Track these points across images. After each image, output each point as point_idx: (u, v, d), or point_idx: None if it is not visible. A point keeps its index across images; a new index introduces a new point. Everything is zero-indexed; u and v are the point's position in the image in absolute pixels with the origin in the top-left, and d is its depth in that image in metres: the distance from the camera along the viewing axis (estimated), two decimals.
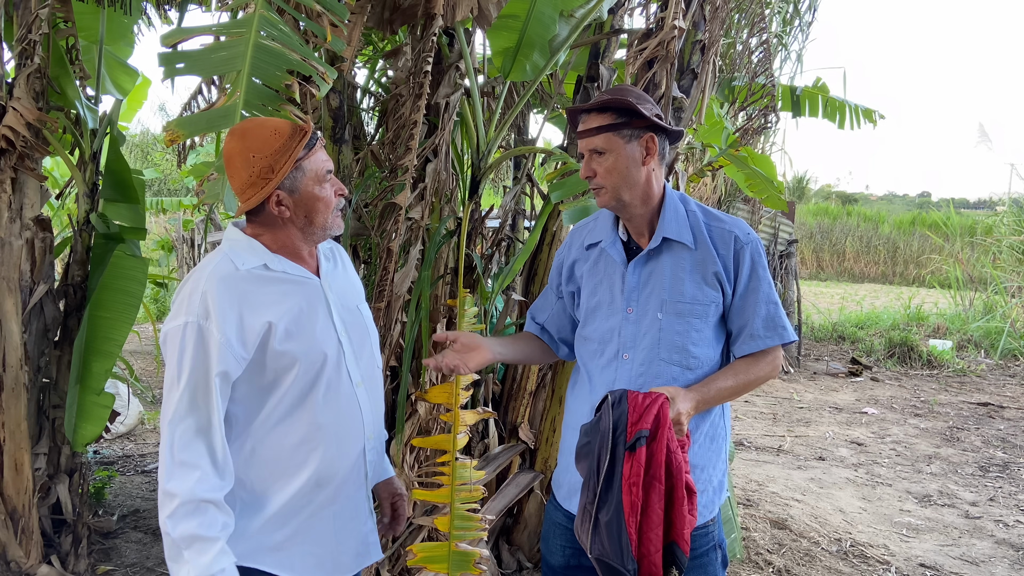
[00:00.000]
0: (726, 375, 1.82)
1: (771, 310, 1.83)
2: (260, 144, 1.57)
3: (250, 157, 1.57)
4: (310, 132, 1.61)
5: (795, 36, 7.83)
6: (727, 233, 1.85)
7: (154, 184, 18.55)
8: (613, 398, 1.68)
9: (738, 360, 1.86)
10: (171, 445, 1.50)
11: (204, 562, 1.47)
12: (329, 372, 1.64)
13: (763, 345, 1.83)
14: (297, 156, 1.58)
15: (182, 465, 1.49)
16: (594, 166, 1.83)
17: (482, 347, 1.91)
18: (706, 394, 1.76)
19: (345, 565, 1.74)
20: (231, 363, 1.53)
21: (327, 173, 1.64)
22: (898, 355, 9.34)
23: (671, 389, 1.70)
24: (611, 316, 1.88)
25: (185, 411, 1.51)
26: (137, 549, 3.71)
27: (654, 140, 1.82)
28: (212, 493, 1.51)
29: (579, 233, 2.05)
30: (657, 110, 1.85)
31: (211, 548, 1.49)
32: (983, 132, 13.81)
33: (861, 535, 4.36)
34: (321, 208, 1.64)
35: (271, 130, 1.59)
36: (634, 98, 1.81)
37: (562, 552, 1.96)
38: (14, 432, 3.05)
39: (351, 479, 1.72)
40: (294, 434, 1.62)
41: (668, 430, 1.63)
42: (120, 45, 3.94)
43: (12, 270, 3.06)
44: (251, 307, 1.56)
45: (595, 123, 1.82)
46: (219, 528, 1.51)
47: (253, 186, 1.58)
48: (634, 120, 1.80)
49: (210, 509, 1.50)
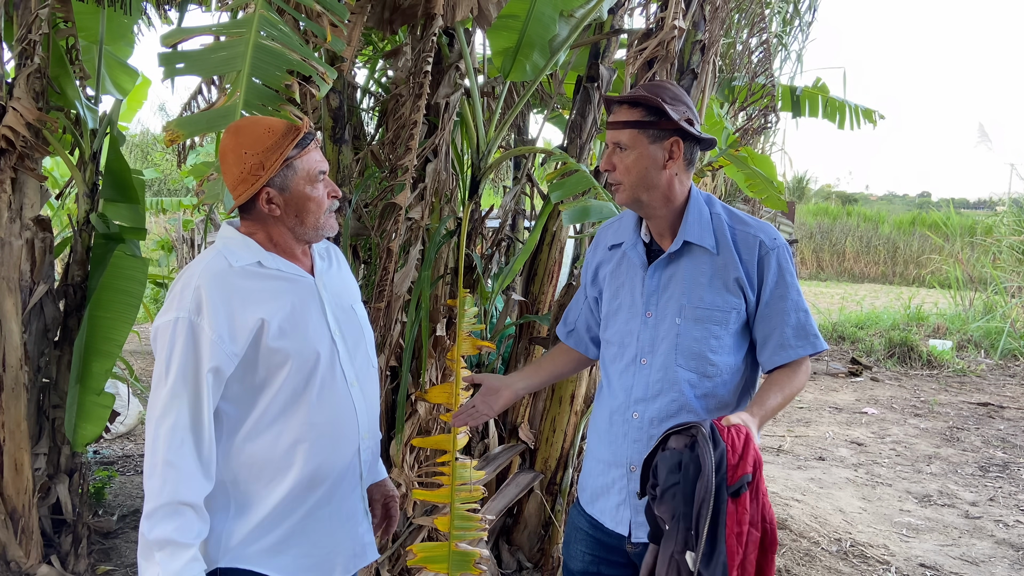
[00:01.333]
0: (773, 392, 1.73)
1: (801, 318, 1.77)
2: (252, 141, 1.58)
3: (242, 153, 1.58)
4: (303, 131, 1.62)
5: (795, 36, 7.82)
6: (752, 238, 1.79)
7: (154, 184, 18.55)
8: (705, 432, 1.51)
9: (777, 373, 1.78)
10: (155, 441, 1.49)
11: (175, 567, 1.47)
12: (323, 371, 1.64)
13: (795, 355, 1.76)
14: (288, 155, 1.59)
15: (166, 464, 1.48)
16: (615, 160, 1.78)
17: (503, 389, 1.97)
18: (764, 417, 1.67)
19: (341, 567, 1.73)
20: (223, 359, 1.53)
21: (320, 174, 1.64)
22: (898, 355, 9.34)
23: (745, 417, 1.58)
24: (631, 320, 1.85)
25: (172, 407, 1.50)
26: (137, 549, 3.71)
27: (679, 145, 1.76)
28: (193, 496, 1.50)
29: (604, 233, 2.01)
30: (692, 114, 1.79)
31: (183, 554, 1.48)
32: (983, 132, 13.80)
33: (861, 535, 4.36)
34: (312, 208, 1.63)
35: (265, 128, 1.60)
36: (668, 98, 1.75)
37: (582, 558, 1.94)
38: (14, 432, 3.05)
39: (346, 479, 1.71)
40: (288, 433, 1.61)
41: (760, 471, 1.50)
42: (120, 45, 3.94)
43: (12, 270, 3.06)
44: (243, 303, 1.56)
45: (624, 117, 1.77)
46: (194, 535, 1.50)
47: (244, 182, 1.59)
48: (662, 121, 1.74)
49: (188, 513, 1.49)
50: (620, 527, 1.85)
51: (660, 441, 1.59)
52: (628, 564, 1.86)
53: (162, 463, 1.48)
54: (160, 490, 1.48)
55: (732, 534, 1.46)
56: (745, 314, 1.79)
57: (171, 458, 1.49)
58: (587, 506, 1.95)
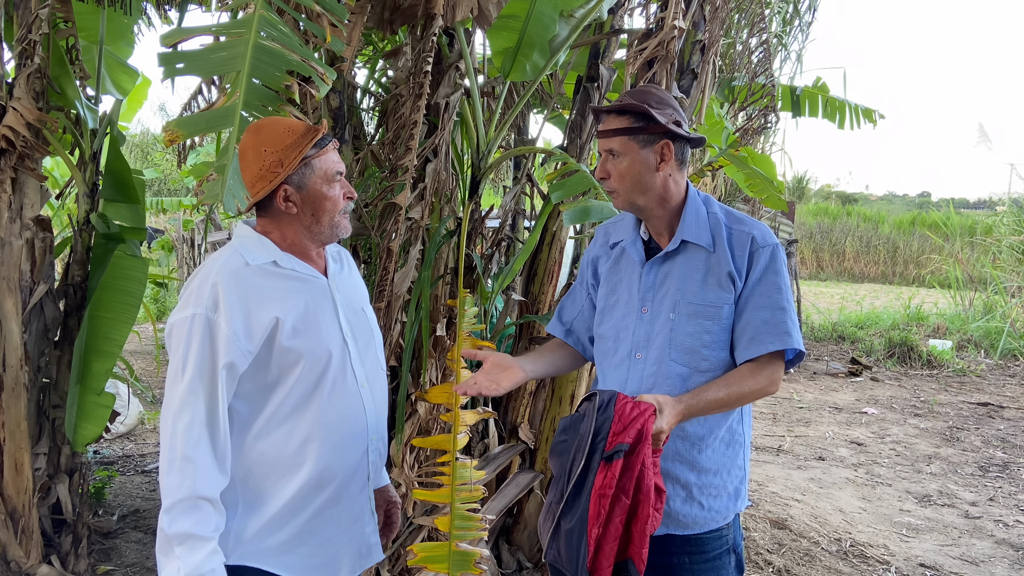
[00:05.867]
0: (718, 386, 1.74)
1: (777, 315, 1.76)
2: (272, 139, 1.62)
3: (262, 151, 1.61)
4: (322, 132, 1.65)
5: (795, 36, 7.83)
6: (745, 235, 1.82)
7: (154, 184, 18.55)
8: (601, 400, 1.62)
9: (735, 370, 1.79)
10: (173, 437, 1.51)
11: (195, 561, 1.48)
12: (334, 371, 1.65)
13: (764, 349, 1.75)
14: (306, 153, 1.62)
15: (184, 459, 1.50)
16: (609, 167, 1.82)
17: (514, 367, 1.88)
18: (694, 406, 1.70)
19: (347, 567, 1.74)
20: (237, 356, 1.54)
21: (337, 174, 1.67)
22: (898, 355, 9.34)
23: (661, 399, 1.64)
24: (627, 315, 1.88)
25: (188, 403, 1.51)
26: (137, 549, 3.71)
27: (669, 147, 1.80)
28: (211, 490, 1.52)
29: (605, 231, 2.05)
30: (678, 116, 1.82)
31: (203, 547, 1.50)
32: (983, 132, 13.80)
33: (861, 535, 4.36)
34: (328, 207, 1.66)
35: (285, 127, 1.64)
36: (654, 102, 1.79)
37: None
38: (14, 432, 3.05)
39: (354, 480, 1.72)
40: (298, 432, 1.62)
41: (647, 445, 1.57)
42: (120, 45, 3.94)
43: (12, 270, 3.06)
44: (259, 302, 1.58)
45: (613, 125, 1.81)
46: (212, 529, 1.52)
47: (262, 179, 1.62)
48: (651, 125, 1.78)
49: (206, 507, 1.51)
50: None
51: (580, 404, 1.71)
52: None
53: (180, 458, 1.50)
54: (179, 485, 1.49)
55: (597, 494, 1.55)
56: (734, 308, 1.82)
57: (189, 453, 1.50)
58: None
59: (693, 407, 1.70)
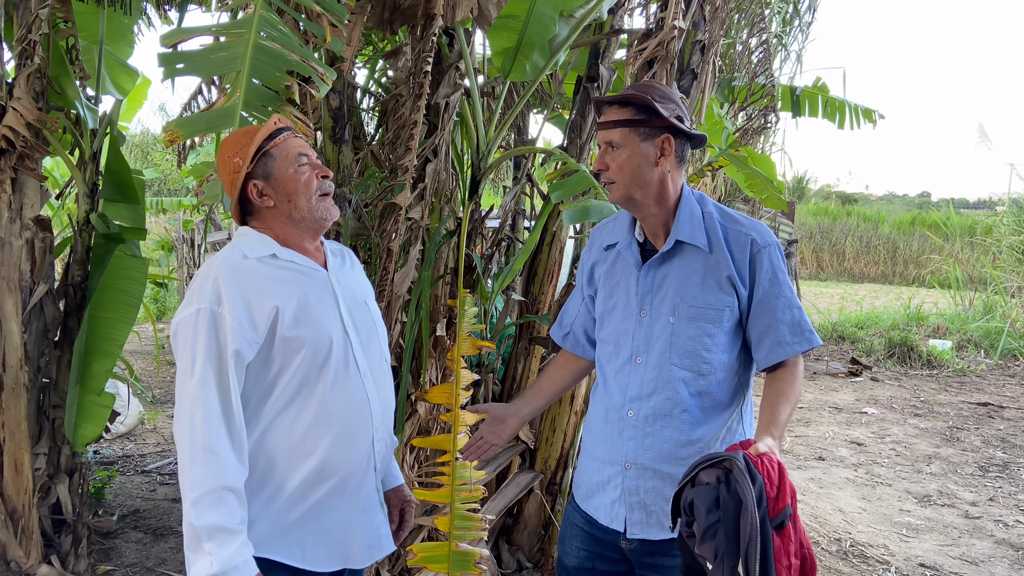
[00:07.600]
0: (781, 404, 1.74)
1: (796, 315, 1.80)
2: (232, 145, 1.68)
3: (226, 159, 1.67)
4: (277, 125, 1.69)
5: (795, 36, 7.83)
6: (743, 236, 1.81)
7: (154, 184, 18.55)
8: (740, 465, 1.47)
9: (777, 382, 1.79)
10: (192, 431, 1.51)
11: (227, 554, 1.48)
12: (336, 359, 1.67)
13: (792, 352, 1.79)
14: (259, 145, 1.65)
15: (206, 451, 1.50)
16: (607, 159, 1.81)
17: (509, 418, 2.05)
18: (780, 435, 1.69)
19: (357, 556, 1.75)
20: (244, 344, 1.56)
21: (299, 155, 1.69)
22: (898, 355, 9.34)
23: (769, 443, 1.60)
24: (626, 319, 1.87)
25: (202, 396, 1.52)
26: (137, 549, 3.71)
27: (670, 142, 1.78)
28: (235, 480, 1.53)
29: (599, 234, 2.04)
30: (681, 111, 1.81)
31: (234, 540, 1.50)
32: (983, 132, 13.80)
33: (861, 535, 4.36)
34: (300, 189, 1.68)
35: (242, 132, 1.70)
36: (657, 96, 1.78)
37: (577, 554, 1.95)
38: (14, 432, 3.05)
39: (360, 468, 1.73)
40: (302, 421, 1.64)
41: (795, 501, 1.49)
42: (120, 45, 3.94)
43: (12, 270, 3.06)
44: (259, 292, 1.60)
45: (615, 116, 1.80)
46: (239, 520, 1.52)
47: (231, 183, 1.67)
48: (652, 119, 1.77)
49: (231, 499, 1.52)
50: (615, 523, 1.86)
51: (690, 475, 1.54)
52: (622, 560, 1.89)
53: (202, 451, 1.50)
54: (203, 478, 1.49)
55: (783, 568, 1.43)
56: (738, 312, 1.81)
57: (213, 445, 1.51)
58: (582, 503, 1.96)
59: (781, 436, 1.71)
